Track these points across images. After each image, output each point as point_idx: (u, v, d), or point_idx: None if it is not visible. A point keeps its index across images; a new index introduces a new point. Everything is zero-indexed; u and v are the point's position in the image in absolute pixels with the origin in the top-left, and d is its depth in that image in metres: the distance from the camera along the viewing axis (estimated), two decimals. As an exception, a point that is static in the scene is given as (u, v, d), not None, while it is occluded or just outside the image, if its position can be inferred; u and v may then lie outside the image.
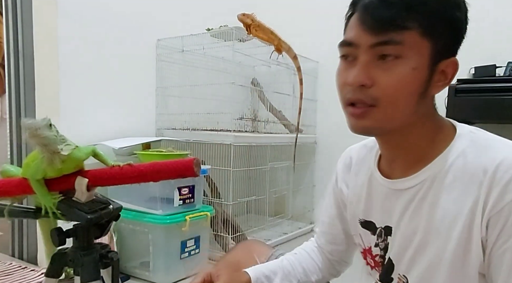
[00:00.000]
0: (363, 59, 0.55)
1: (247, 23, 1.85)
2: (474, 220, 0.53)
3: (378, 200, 0.67)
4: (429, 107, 0.60)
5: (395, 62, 0.54)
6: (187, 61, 2.07)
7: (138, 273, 1.63)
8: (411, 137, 0.60)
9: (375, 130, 0.59)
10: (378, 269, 0.70)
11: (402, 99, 0.55)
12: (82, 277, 0.59)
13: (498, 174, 0.52)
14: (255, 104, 2.47)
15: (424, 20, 0.53)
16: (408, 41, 0.53)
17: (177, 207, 1.61)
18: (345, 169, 0.78)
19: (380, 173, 0.67)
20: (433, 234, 0.58)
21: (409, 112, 0.56)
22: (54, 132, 0.54)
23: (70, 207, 0.58)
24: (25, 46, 1.61)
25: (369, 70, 0.55)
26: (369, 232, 0.70)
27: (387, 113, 0.55)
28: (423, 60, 0.54)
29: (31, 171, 0.57)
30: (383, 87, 0.54)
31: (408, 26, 0.52)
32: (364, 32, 0.55)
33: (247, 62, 2.23)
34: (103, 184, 0.60)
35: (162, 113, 2.05)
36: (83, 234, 0.61)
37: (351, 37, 0.57)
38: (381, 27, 0.53)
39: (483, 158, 0.54)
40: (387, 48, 0.53)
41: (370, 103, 0.55)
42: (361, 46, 0.55)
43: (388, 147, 0.64)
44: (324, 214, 0.84)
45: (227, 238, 1.87)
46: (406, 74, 0.54)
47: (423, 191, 0.59)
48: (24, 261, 1.68)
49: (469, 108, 1.66)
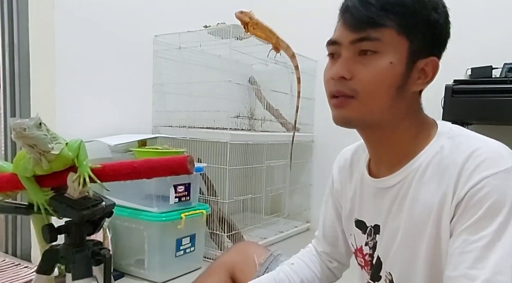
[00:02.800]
0: (345, 55, 0.59)
1: (245, 21, 1.84)
2: (443, 210, 0.56)
3: (368, 199, 0.69)
4: (410, 104, 0.61)
5: (372, 57, 0.57)
6: (184, 58, 2.06)
7: (133, 270, 1.62)
8: (393, 135, 0.62)
9: (355, 121, 0.61)
10: (367, 268, 0.71)
11: (380, 92, 0.58)
12: (73, 274, 0.58)
13: (466, 164, 0.54)
14: (252, 103, 2.47)
15: (401, 19, 0.56)
16: (385, 38, 0.56)
17: (173, 204, 1.61)
18: (340, 170, 0.79)
19: (368, 173, 0.69)
20: (412, 228, 0.60)
21: (386, 105, 0.59)
22: (44, 131, 0.52)
23: (62, 204, 0.57)
24: (20, 42, 1.60)
25: (349, 65, 0.58)
26: (361, 231, 0.71)
27: (365, 104, 0.58)
28: (400, 56, 0.57)
29: (19, 170, 0.56)
30: (361, 79, 0.58)
31: (385, 24, 0.56)
32: (345, 30, 0.59)
33: (245, 60, 2.22)
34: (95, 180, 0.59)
35: (158, 110, 2.04)
36: (75, 231, 0.60)
37: (335, 36, 0.62)
38: (359, 25, 0.57)
39: (456, 153, 0.57)
40: (365, 44, 0.57)
41: (350, 95, 0.59)
42: (342, 43, 0.59)
43: (373, 144, 0.66)
44: (325, 217, 0.85)
45: (222, 236, 1.86)
46: (382, 68, 0.57)
47: (405, 188, 0.61)
48: (17, 258, 1.67)
49: (465, 109, 1.66)
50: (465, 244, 0.52)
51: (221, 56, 2.12)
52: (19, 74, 1.62)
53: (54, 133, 0.55)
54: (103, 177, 0.58)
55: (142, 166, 0.58)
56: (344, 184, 0.77)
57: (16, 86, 1.62)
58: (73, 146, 0.56)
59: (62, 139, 0.56)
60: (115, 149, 1.65)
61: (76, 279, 0.58)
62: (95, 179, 0.57)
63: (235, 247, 0.96)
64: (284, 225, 2.36)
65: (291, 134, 2.08)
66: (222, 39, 1.96)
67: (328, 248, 0.84)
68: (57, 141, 0.54)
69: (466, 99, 1.66)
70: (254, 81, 2.40)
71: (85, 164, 0.57)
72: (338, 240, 0.82)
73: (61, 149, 0.54)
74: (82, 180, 0.56)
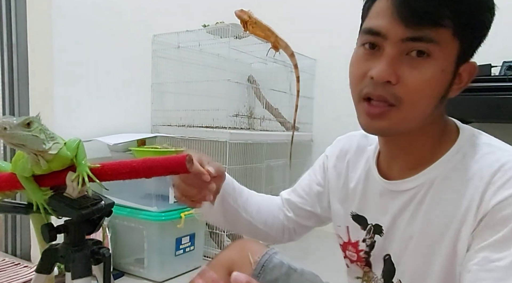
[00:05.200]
0: (391, 52, 0.50)
1: (244, 19, 1.84)
2: (464, 222, 0.52)
3: (373, 196, 0.66)
4: (442, 110, 0.57)
5: (424, 61, 0.50)
6: (183, 57, 2.06)
7: (133, 269, 1.63)
8: (417, 141, 0.58)
9: (390, 131, 0.55)
10: (361, 264, 0.70)
11: (424, 102, 0.52)
12: (73, 273, 0.58)
13: (493, 178, 0.51)
14: (251, 102, 2.47)
15: (459, 18, 0.49)
16: (442, 40, 0.49)
17: (172, 204, 1.61)
18: (340, 155, 0.74)
19: (377, 170, 0.65)
20: (428, 237, 0.56)
21: (426, 115, 0.54)
22: (35, 131, 0.50)
23: (61, 203, 0.57)
24: (18, 41, 1.60)
25: (396, 66, 0.50)
26: (360, 226, 0.68)
27: (406, 114, 0.52)
28: (450, 62, 0.51)
29: (18, 169, 0.56)
30: (408, 86, 0.50)
31: (443, 23, 0.48)
32: (397, 23, 0.49)
33: (244, 59, 2.22)
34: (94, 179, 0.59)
35: (157, 109, 2.04)
36: (74, 230, 0.60)
37: (380, 26, 0.51)
38: (417, 21, 0.48)
39: (481, 164, 0.53)
40: (419, 44, 0.49)
41: (391, 103, 0.52)
42: (390, 38, 0.50)
43: (391, 147, 0.62)
44: (304, 184, 0.82)
45: (222, 235, 1.86)
46: (434, 75, 0.50)
47: (421, 195, 0.57)
48: (17, 258, 1.67)
49: (464, 107, 1.65)
50: (485, 262, 0.48)
51: (220, 55, 2.12)
52: (17, 74, 1.61)
53: (52, 133, 0.54)
54: (102, 176, 0.58)
55: (141, 165, 0.58)
56: (340, 170, 0.73)
57: (15, 86, 1.62)
58: (72, 145, 0.56)
59: (61, 139, 0.56)
60: (114, 148, 1.65)
61: (75, 278, 0.58)
62: (94, 178, 0.56)
63: (234, 245, 0.95)
64: (283, 224, 2.36)
65: (290, 133, 2.08)
66: (221, 38, 1.95)
67: (296, 198, 0.82)
68: (55, 141, 0.54)
69: (465, 97, 1.65)
70: (253, 80, 2.40)
71: (84, 163, 0.56)
72: (309, 197, 0.80)
73: (59, 149, 0.54)
74: (81, 179, 0.55)
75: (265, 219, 0.81)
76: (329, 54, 2.36)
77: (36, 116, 0.52)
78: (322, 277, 0.86)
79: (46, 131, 0.52)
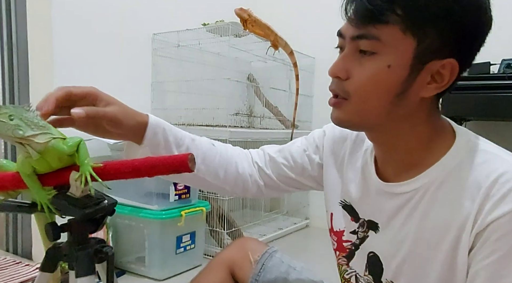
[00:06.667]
0: (346, 51, 0.54)
1: (244, 18, 1.84)
2: (462, 235, 0.52)
3: (368, 193, 0.65)
4: (418, 110, 0.55)
5: (370, 58, 0.52)
6: (183, 56, 2.06)
7: (134, 268, 1.63)
8: (399, 141, 0.58)
9: (347, 123, 0.58)
10: (342, 253, 0.69)
11: (372, 97, 0.53)
12: (76, 272, 0.59)
13: (491, 190, 0.50)
14: (251, 100, 2.47)
15: (408, 14, 0.48)
16: (386, 37, 0.50)
17: (173, 202, 1.62)
18: (339, 140, 0.73)
19: (374, 169, 0.65)
20: (422, 245, 0.56)
21: (383, 110, 0.54)
22: (2, 117, 0.47)
23: (65, 202, 0.57)
24: (19, 39, 1.59)
25: (347, 63, 0.54)
26: (350, 217, 0.68)
27: (357, 108, 0.55)
28: (403, 58, 0.51)
29: (19, 166, 0.56)
30: (355, 82, 0.53)
31: (388, 21, 0.49)
32: (348, 23, 0.53)
33: (243, 58, 2.22)
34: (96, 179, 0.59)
35: (157, 108, 2.04)
36: (78, 229, 0.61)
37: (341, 28, 0.55)
38: (360, 19, 0.51)
39: (479, 173, 0.52)
40: (363, 42, 0.52)
41: (342, 96, 0.55)
42: (346, 37, 0.54)
43: (379, 147, 0.62)
44: (298, 146, 0.79)
45: (222, 233, 1.87)
46: (378, 72, 0.52)
47: (415, 200, 0.57)
48: (18, 256, 1.68)
49: (463, 105, 1.67)
50: (495, 278, 0.48)
51: (220, 53, 2.12)
52: (17, 73, 1.61)
53: (45, 124, 0.53)
54: (104, 176, 0.58)
55: (143, 164, 0.58)
56: (339, 152, 0.72)
57: (15, 86, 1.62)
58: (71, 141, 0.56)
59: (58, 133, 0.56)
60: (114, 147, 1.65)
61: (79, 276, 0.58)
62: (96, 177, 0.57)
63: (235, 244, 0.96)
64: (283, 222, 2.37)
65: (290, 131, 2.09)
66: (220, 36, 1.96)
67: (279, 157, 0.77)
68: (45, 131, 0.53)
69: (464, 95, 1.66)
70: (253, 79, 2.40)
71: (86, 163, 0.57)
72: (292, 163, 0.77)
73: (48, 139, 0.53)
74: (84, 179, 0.56)
75: (216, 171, 0.74)
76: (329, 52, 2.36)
77: (26, 105, 0.51)
78: (322, 276, 0.86)
79: (29, 120, 0.50)
